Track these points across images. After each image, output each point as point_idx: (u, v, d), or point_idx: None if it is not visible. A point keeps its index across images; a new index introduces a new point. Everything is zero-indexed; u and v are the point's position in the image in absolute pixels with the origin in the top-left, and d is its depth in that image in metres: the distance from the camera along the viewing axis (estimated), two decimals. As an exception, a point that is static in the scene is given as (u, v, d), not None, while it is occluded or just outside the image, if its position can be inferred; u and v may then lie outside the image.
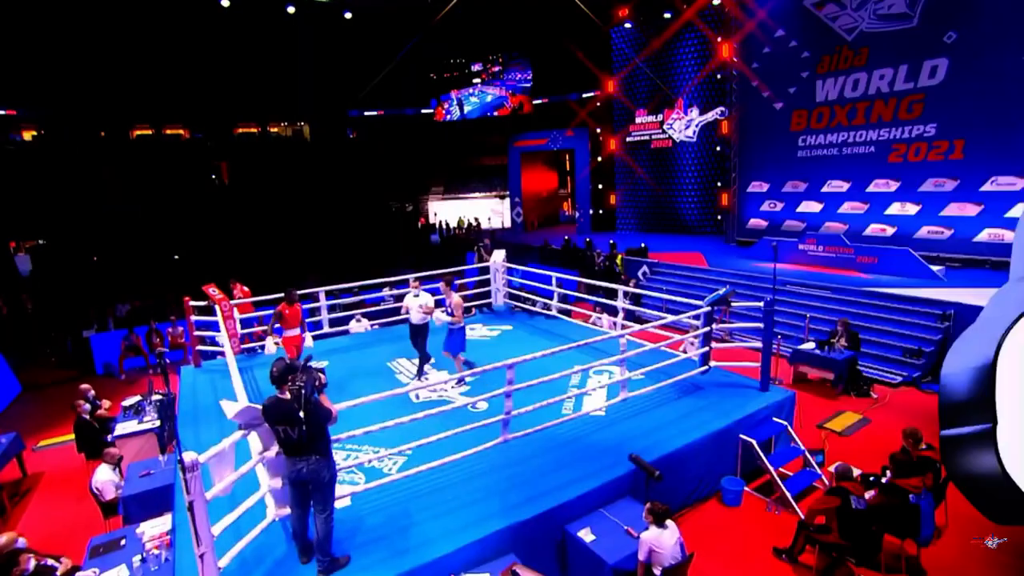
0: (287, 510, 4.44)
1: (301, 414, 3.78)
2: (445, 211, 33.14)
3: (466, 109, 28.49)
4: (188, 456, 3.56)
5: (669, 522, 4.61)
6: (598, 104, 24.01)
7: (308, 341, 8.22)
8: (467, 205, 33.48)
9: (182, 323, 12.70)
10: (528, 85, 28.16)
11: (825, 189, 16.17)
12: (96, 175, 23.68)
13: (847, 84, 14.77)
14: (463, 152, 33.41)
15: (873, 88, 14.22)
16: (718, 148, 19.89)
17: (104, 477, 6.24)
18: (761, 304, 7.65)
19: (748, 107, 17.76)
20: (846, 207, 15.75)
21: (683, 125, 21.47)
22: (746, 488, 6.43)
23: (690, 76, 20.26)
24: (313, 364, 4.05)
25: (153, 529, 5.22)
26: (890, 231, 14.74)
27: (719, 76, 18.97)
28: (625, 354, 6.61)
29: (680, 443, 6.00)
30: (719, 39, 18.46)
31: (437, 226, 29.43)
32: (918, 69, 13.31)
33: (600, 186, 24.69)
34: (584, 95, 25.11)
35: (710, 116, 20.50)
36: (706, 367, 7.56)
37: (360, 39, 26.89)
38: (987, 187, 12.56)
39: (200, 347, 9.14)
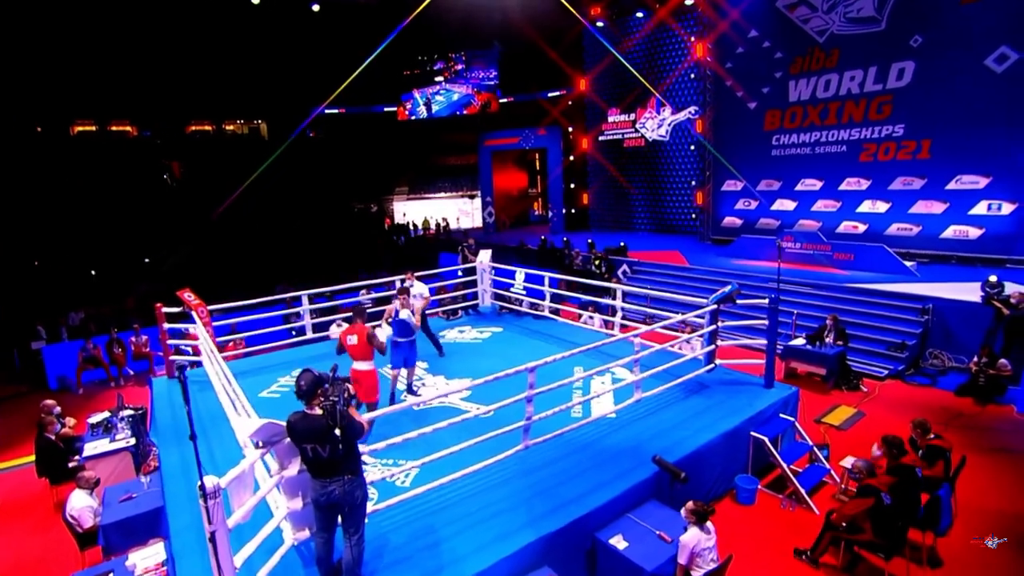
0: (305, 533, 4.16)
1: (337, 432, 3.51)
2: (411, 211, 32.70)
3: (434, 108, 28.13)
4: (209, 481, 3.27)
5: (708, 523, 4.57)
6: (570, 103, 24.11)
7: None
8: (433, 205, 33.11)
9: (147, 331, 12.03)
10: (494, 83, 28.03)
11: (799, 188, 16.64)
12: (33, 173, 22.25)
13: (819, 85, 15.25)
14: (429, 151, 33.03)
15: (844, 89, 14.72)
16: (692, 147, 20.24)
17: (81, 503, 5.75)
18: (754, 301, 7.77)
19: (722, 107, 18.13)
20: (819, 205, 16.24)
21: (656, 124, 21.75)
22: (760, 486, 6.47)
23: (663, 75, 20.54)
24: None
25: (145, 560, 4.81)
26: (861, 228, 15.28)
27: (693, 76, 19.30)
28: (639, 354, 6.55)
29: (697, 443, 5.99)
30: (693, 39, 18.78)
31: (407, 227, 28.91)
32: (886, 71, 13.85)
33: (572, 185, 24.78)
34: (555, 94, 25.16)
35: (682, 116, 20.82)
36: (712, 365, 7.60)
37: (322, 34, 26.20)
38: (952, 185, 13.17)
39: (174, 357, 8.62)
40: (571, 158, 24.49)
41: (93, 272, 18.47)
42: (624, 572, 4.54)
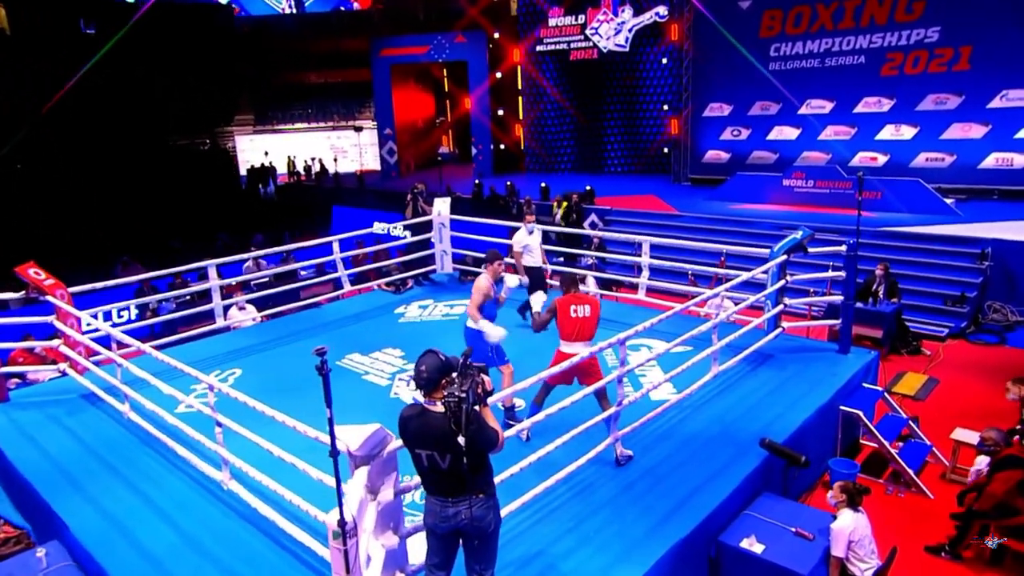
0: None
1: (460, 439, 3.49)
2: (259, 148, 31.38)
3: (307, 1, 26.87)
4: (348, 514, 3.20)
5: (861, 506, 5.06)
6: (495, -1, 24.07)
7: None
8: (294, 141, 31.97)
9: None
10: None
11: (803, 111, 17.94)
12: None
13: (833, -23, 16.45)
14: (282, 64, 31.53)
15: (865, -18, 16.00)
16: (664, 61, 21.02)
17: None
18: (830, 250, 8.44)
19: (706, 6, 18.93)
20: (829, 132, 17.63)
21: (612, 30, 22.30)
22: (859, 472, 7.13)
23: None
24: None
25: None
26: (882, 160, 16.81)
27: (666, -37, 19.96)
28: (717, 318, 6.94)
29: (794, 422, 6.50)
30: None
31: (270, 171, 27.68)
32: (919, -42, 15.22)
33: (501, 112, 24.90)
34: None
35: (647, 18, 21.55)
36: (778, 330, 8.18)
37: None
38: (995, 103, 14.87)
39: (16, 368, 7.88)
40: (498, 75, 24.56)
41: None
42: (768, 580, 4.92)
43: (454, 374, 3.56)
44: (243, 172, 29.90)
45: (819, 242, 13.49)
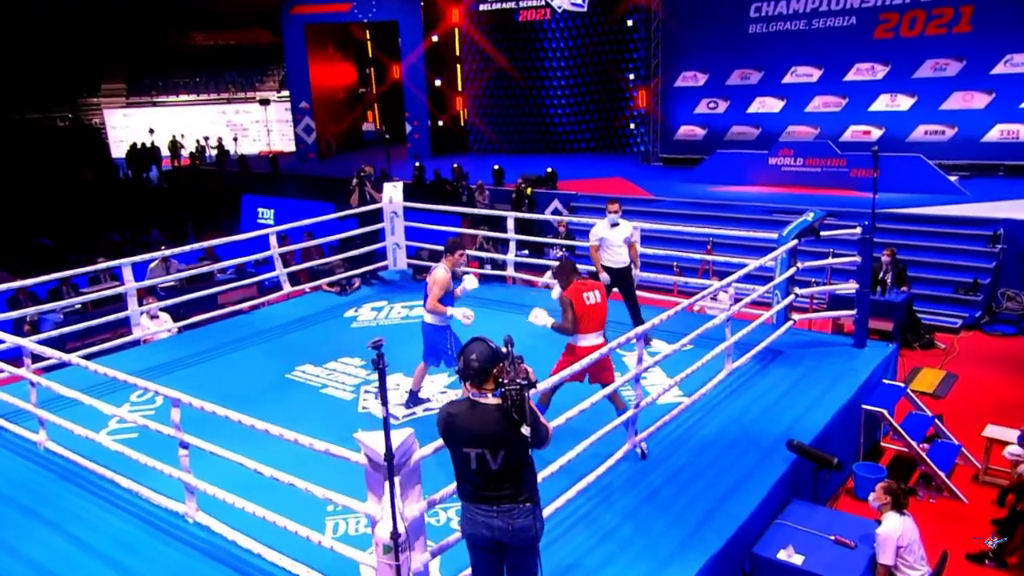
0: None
1: (525, 430, 3.66)
2: (137, 126, 30.81)
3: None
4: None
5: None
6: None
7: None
8: (179, 116, 31.46)
9: None
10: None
11: (788, 79, 18.67)
12: None
13: (821, -73, 17.24)
14: (162, 20, 30.90)
15: (857, -67, 16.82)
16: (629, 23, 21.52)
17: None
18: (841, 233, 8.93)
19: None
20: (817, 103, 18.39)
21: (567, -14, 22.72)
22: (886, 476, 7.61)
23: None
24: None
25: None
26: (876, 134, 17.65)
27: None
28: (730, 310, 7.32)
29: (818, 422, 6.92)
30: None
31: (155, 153, 27.21)
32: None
33: (437, 83, 25.02)
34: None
35: (606, -27, 22.01)
36: (789, 323, 8.63)
37: None
38: (999, 69, 15.81)
39: None
40: (434, 39, 24.66)
41: None
42: (811, 592, 5.28)
43: (503, 363, 3.77)
44: (121, 154, 29.20)
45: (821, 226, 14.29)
